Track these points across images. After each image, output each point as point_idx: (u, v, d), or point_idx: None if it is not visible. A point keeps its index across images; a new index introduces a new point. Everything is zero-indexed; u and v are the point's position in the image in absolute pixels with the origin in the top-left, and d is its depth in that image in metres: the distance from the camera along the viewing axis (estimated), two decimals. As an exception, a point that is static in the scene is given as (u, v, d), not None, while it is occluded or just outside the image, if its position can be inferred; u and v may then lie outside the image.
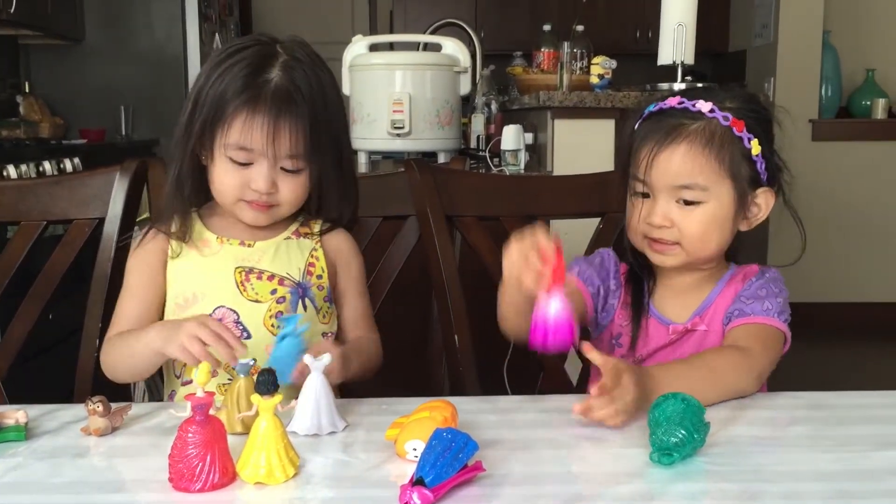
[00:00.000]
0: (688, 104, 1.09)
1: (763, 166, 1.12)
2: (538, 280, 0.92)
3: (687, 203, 1.09)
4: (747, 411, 0.99)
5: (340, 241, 1.25)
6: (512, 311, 1.04)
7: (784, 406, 1.01)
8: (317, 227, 1.23)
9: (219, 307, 1.15)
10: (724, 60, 5.24)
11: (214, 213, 1.21)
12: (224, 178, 1.13)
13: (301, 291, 1.18)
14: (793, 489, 0.79)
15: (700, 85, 2.44)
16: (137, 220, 1.44)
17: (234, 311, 1.15)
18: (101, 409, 0.92)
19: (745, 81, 4.85)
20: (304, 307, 1.19)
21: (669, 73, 2.52)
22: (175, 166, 1.17)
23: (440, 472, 0.75)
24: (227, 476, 0.80)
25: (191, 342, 0.99)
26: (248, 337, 1.15)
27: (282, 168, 1.12)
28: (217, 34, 4.47)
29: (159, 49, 4.21)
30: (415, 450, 0.82)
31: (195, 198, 1.19)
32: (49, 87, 4.15)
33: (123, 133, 4.17)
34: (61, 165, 3.09)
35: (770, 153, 1.13)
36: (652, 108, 1.13)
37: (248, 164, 1.11)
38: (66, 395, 1.27)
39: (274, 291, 1.17)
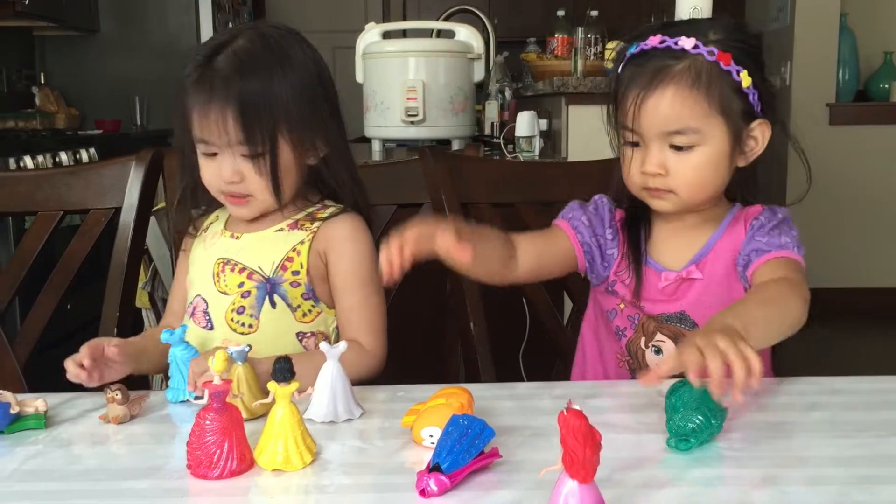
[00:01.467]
0: (670, 42, 1.04)
1: (756, 97, 1.07)
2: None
3: (678, 148, 1.05)
4: (765, 397, 0.99)
5: (339, 230, 1.16)
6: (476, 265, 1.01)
7: (802, 392, 1.00)
8: (322, 216, 1.17)
9: (197, 295, 1.17)
10: (740, 44, 5.19)
11: None
12: (202, 172, 1.14)
13: (269, 287, 1.13)
14: (812, 475, 0.79)
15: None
16: (153, 209, 1.44)
17: (205, 301, 1.16)
18: (119, 397, 0.93)
19: (761, 65, 4.80)
20: (273, 304, 1.14)
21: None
22: (184, 166, 1.19)
23: (457, 459, 0.75)
24: (245, 463, 0.81)
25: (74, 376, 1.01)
26: (212, 328, 1.16)
27: (241, 155, 1.10)
28: (230, 24, 4.47)
29: (173, 39, 4.22)
30: (431, 436, 0.82)
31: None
32: (64, 79, 4.17)
33: (138, 123, 4.18)
34: (77, 156, 3.10)
35: (762, 82, 1.08)
36: (633, 49, 1.08)
37: (214, 154, 1.11)
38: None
39: (241, 285, 1.14)
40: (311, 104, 1.12)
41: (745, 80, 1.05)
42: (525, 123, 2.50)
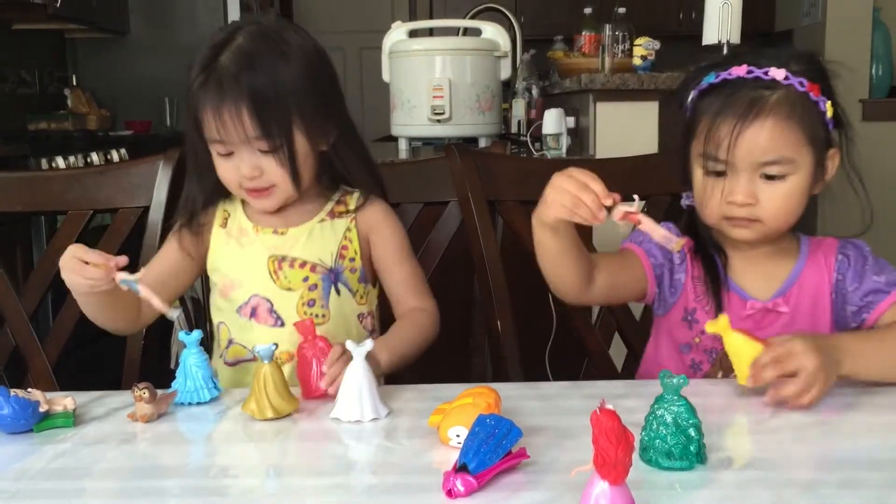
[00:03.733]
0: (759, 73, 1.03)
1: (832, 126, 1.07)
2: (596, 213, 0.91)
3: (770, 177, 1.04)
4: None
5: (375, 213, 1.22)
6: (551, 260, 1.04)
7: (838, 392, 0.98)
8: (352, 203, 1.21)
9: (253, 295, 1.18)
10: (771, 40, 5.13)
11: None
12: (219, 170, 1.14)
13: (333, 277, 1.19)
14: (848, 477, 0.77)
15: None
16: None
17: (268, 300, 1.17)
18: (147, 395, 0.93)
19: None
20: (338, 292, 1.19)
21: (714, 53, 2.47)
22: (190, 164, 1.19)
23: (484, 459, 0.74)
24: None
25: (72, 284, 1.01)
26: (282, 325, 1.16)
27: (259, 150, 1.10)
28: (258, 24, 4.50)
29: (202, 40, 4.15)
30: (458, 436, 0.82)
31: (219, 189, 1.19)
32: (95, 80, 4.23)
33: (168, 124, 4.22)
34: (108, 156, 3.14)
35: (837, 111, 1.08)
36: (712, 79, 1.06)
37: (230, 153, 1.11)
38: (114, 383, 1.29)
39: (306, 279, 1.18)
40: (318, 89, 1.13)
41: (829, 110, 1.06)
42: (552, 121, 2.49)
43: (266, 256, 1.18)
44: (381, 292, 1.27)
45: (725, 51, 2.41)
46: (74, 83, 4.15)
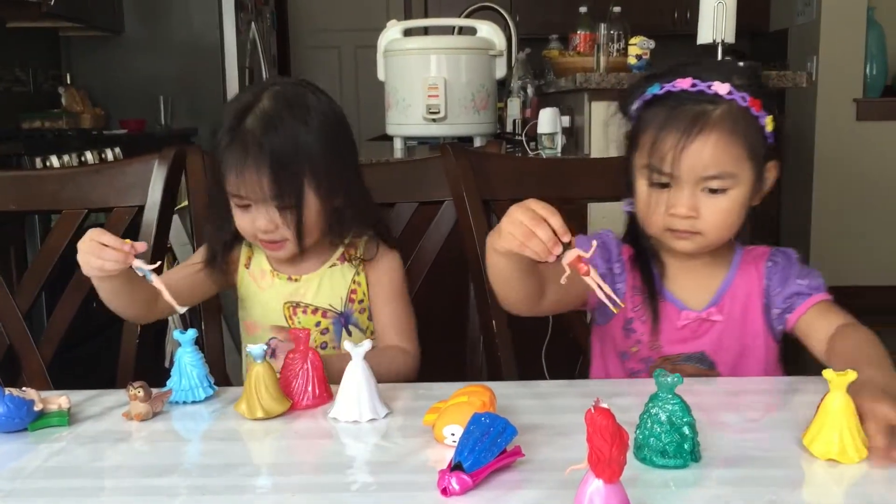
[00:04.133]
0: (702, 86, 1.04)
1: (772, 140, 1.08)
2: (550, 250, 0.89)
3: (712, 191, 1.05)
4: (791, 396, 0.97)
5: (380, 263, 1.26)
6: (504, 282, 1.03)
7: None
8: (361, 248, 1.26)
9: (272, 338, 1.22)
10: (765, 39, 5.14)
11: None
12: (238, 221, 1.20)
13: (343, 320, 1.25)
14: (841, 473, 0.77)
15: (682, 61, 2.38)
16: (176, 208, 1.45)
17: (286, 343, 1.17)
18: (142, 394, 0.93)
19: (786, 60, 4.75)
20: (349, 333, 1.25)
21: (709, 52, 2.47)
22: (210, 215, 1.25)
23: (479, 457, 0.74)
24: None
25: (86, 262, 1.02)
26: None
27: (274, 207, 1.16)
28: (253, 23, 4.49)
29: (196, 39, 4.24)
30: (453, 435, 0.82)
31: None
32: (89, 79, 4.21)
33: (162, 123, 4.21)
34: (103, 155, 3.13)
35: (777, 125, 1.09)
36: (657, 90, 1.07)
37: (248, 206, 1.17)
38: (109, 382, 1.28)
39: (318, 324, 1.24)
40: (333, 151, 1.19)
41: (769, 124, 1.07)
42: (547, 120, 2.49)
43: (282, 302, 1.24)
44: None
45: (720, 50, 2.41)
46: (68, 81, 4.14)
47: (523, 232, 0.89)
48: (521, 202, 0.92)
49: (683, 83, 1.05)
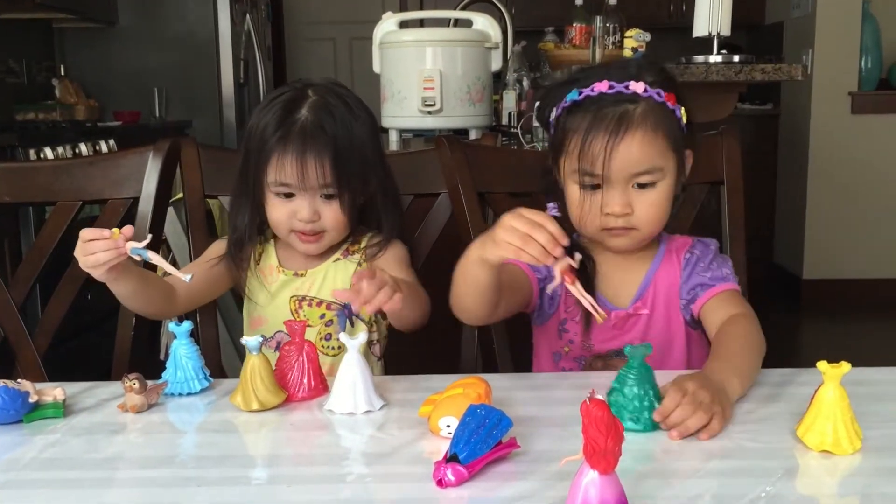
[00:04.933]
0: (620, 87, 1.07)
1: (685, 130, 1.12)
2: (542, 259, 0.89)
3: (642, 186, 1.08)
4: (786, 388, 0.98)
5: (387, 253, 1.27)
6: (476, 293, 1.02)
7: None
8: (364, 241, 1.28)
9: (278, 331, 1.25)
10: (761, 32, 5.14)
11: (281, 243, 1.29)
12: (273, 212, 1.21)
13: (347, 312, 1.24)
14: (835, 464, 0.78)
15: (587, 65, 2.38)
16: (171, 200, 1.45)
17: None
18: (137, 386, 0.93)
19: (782, 54, 4.75)
20: (353, 324, 1.24)
21: (704, 45, 2.47)
22: (237, 207, 1.26)
23: (474, 449, 0.74)
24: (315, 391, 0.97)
25: (84, 265, 1.02)
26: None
27: (321, 195, 1.19)
28: (248, 14, 4.47)
29: (191, 31, 4.23)
30: (448, 426, 0.82)
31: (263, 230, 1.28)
32: (83, 70, 4.19)
33: (157, 115, 4.20)
34: (97, 147, 3.12)
35: (690, 116, 1.13)
36: (575, 96, 1.09)
37: (291, 195, 1.19)
38: (104, 373, 1.28)
39: (322, 316, 1.26)
40: (374, 144, 1.24)
41: (684, 116, 1.11)
42: (543, 113, 2.48)
43: (288, 297, 1.26)
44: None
45: (715, 43, 2.41)
46: (62, 73, 4.12)
47: (520, 237, 0.89)
48: (511, 211, 0.92)
49: (601, 86, 1.08)
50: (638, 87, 1.07)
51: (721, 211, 1.36)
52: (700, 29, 2.41)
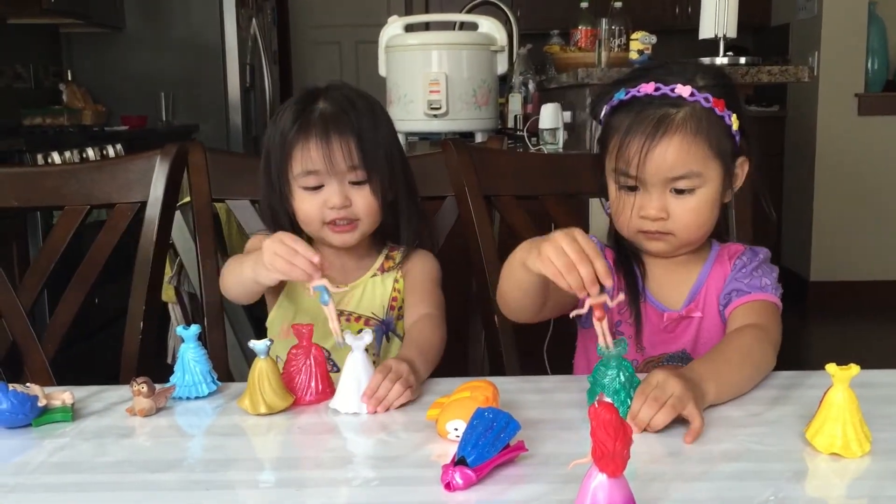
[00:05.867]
0: (665, 90, 1.05)
1: (739, 137, 1.09)
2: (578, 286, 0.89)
3: (679, 192, 1.06)
4: (794, 390, 0.97)
5: (415, 259, 1.27)
6: (520, 293, 1.03)
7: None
8: (398, 257, 1.27)
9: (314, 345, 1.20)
10: (767, 34, 5.13)
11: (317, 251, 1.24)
12: (302, 205, 1.19)
13: (384, 328, 1.25)
14: (844, 467, 0.77)
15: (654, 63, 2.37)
16: (178, 204, 1.45)
17: (326, 350, 1.15)
18: (145, 390, 0.93)
19: (788, 55, 4.74)
20: (388, 339, 1.25)
21: (711, 47, 2.47)
22: (266, 213, 1.25)
23: (482, 452, 0.74)
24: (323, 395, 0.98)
25: (272, 261, 1.03)
26: (337, 370, 1.16)
27: (350, 182, 1.17)
28: (254, 19, 4.49)
29: (197, 35, 4.24)
30: (456, 429, 0.82)
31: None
32: (91, 75, 4.21)
33: (164, 119, 4.21)
34: (104, 151, 3.13)
35: (744, 122, 1.10)
36: (622, 95, 1.08)
37: (320, 186, 1.17)
38: (112, 377, 1.29)
39: (360, 331, 1.19)
40: (397, 142, 1.25)
41: (735, 123, 1.08)
42: (549, 116, 2.48)
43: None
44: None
45: (721, 45, 2.41)
46: (70, 78, 4.14)
47: (565, 263, 0.89)
48: (567, 230, 0.91)
49: (647, 87, 1.06)
50: (684, 90, 1.05)
51: (727, 213, 1.36)
52: (706, 31, 2.41)
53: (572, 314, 0.94)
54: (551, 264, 0.90)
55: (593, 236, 1.17)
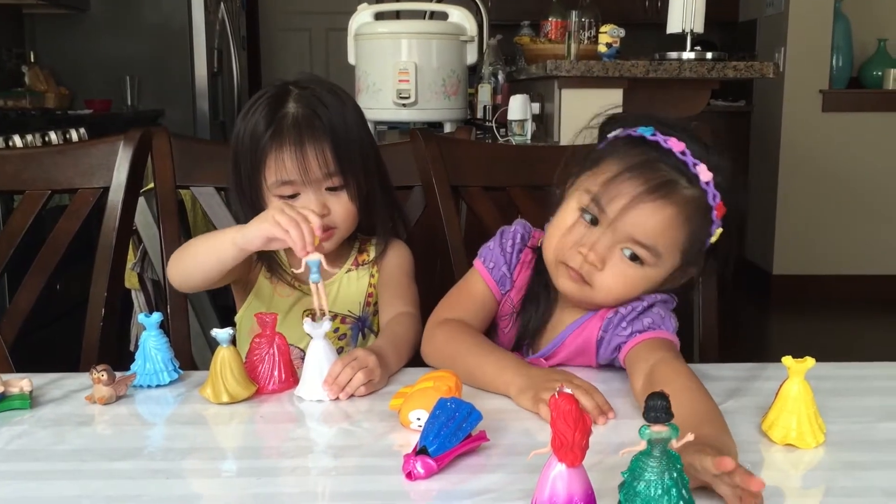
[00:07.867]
0: (689, 161, 0.97)
1: (707, 252, 1.02)
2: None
3: (632, 257, 0.98)
4: (751, 382, 0.99)
5: (387, 254, 1.25)
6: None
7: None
8: (373, 251, 1.25)
9: (290, 346, 1.17)
10: (734, 30, 5.18)
11: (291, 256, 1.22)
12: None
13: (361, 324, 1.24)
14: (798, 458, 0.79)
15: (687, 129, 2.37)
16: (142, 190, 1.43)
17: (301, 349, 1.14)
18: (105, 377, 0.92)
19: (755, 51, 4.80)
20: (364, 336, 1.24)
21: (678, 42, 2.49)
22: (238, 215, 1.22)
23: (444, 442, 0.74)
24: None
25: (279, 217, 1.00)
26: None
27: (326, 189, 1.15)
28: (222, 3, 4.43)
29: (165, 19, 4.18)
30: (418, 419, 0.82)
31: None
32: (54, 58, 4.13)
33: (129, 104, 4.15)
34: (67, 136, 3.08)
35: (719, 241, 1.02)
36: (648, 133, 0.99)
37: (296, 195, 1.15)
38: (72, 365, 1.27)
39: (336, 330, 1.22)
40: (368, 134, 1.22)
41: (715, 237, 1.01)
42: (517, 107, 2.49)
43: (301, 310, 1.22)
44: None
45: (689, 40, 2.43)
46: (32, 60, 4.06)
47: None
48: (568, 375, 0.91)
49: (677, 145, 0.98)
50: (706, 175, 0.97)
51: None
52: (674, 25, 2.43)
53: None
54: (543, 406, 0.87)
55: (520, 226, 1.12)
